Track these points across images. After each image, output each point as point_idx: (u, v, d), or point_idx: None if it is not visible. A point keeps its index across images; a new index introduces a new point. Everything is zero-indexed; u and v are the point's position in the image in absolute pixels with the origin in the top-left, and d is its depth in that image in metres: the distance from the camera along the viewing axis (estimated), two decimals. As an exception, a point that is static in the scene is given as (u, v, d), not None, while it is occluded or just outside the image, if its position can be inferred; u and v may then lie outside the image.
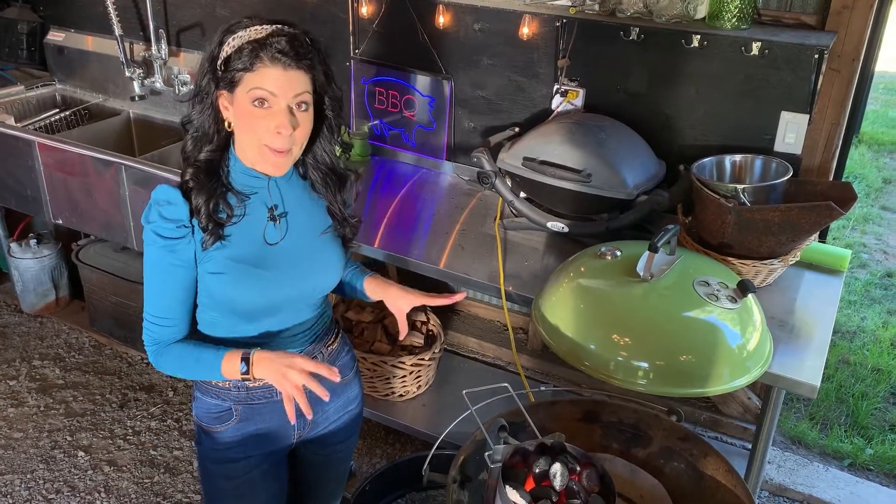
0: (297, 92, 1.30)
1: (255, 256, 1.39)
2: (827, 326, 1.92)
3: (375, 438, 2.68)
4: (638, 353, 1.57)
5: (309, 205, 1.47)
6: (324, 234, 1.48)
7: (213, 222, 1.34)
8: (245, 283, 1.37)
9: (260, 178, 1.41)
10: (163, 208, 1.35)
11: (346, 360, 1.62)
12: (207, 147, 1.36)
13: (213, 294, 1.39)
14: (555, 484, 1.31)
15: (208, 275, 1.37)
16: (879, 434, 2.82)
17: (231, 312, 1.41)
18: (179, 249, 1.35)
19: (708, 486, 1.60)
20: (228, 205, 1.37)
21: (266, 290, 1.39)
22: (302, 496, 1.72)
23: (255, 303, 1.39)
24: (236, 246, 1.38)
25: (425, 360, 2.52)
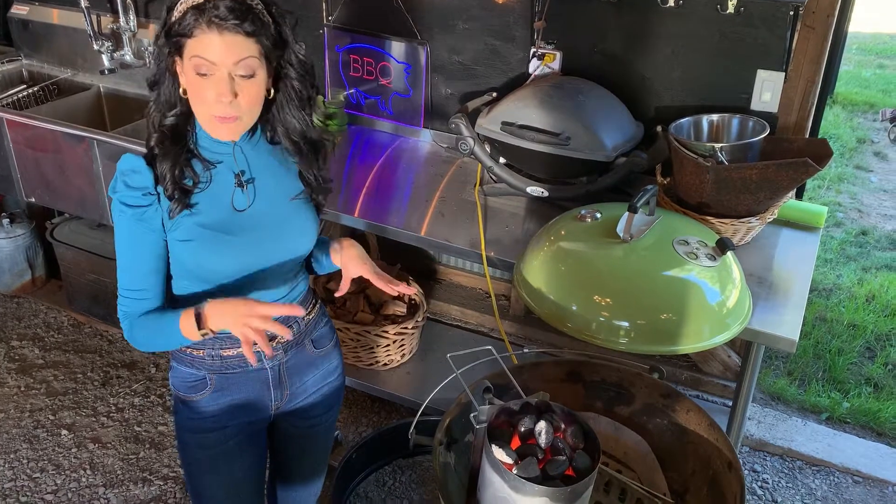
0: (239, 59, 1.27)
1: (224, 223, 1.37)
2: (804, 282, 1.94)
3: (361, 407, 2.69)
4: (619, 313, 1.58)
5: (279, 170, 1.46)
6: (295, 199, 1.46)
7: (178, 189, 1.33)
8: (214, 250, 1.36)
9: (225, 143, 1.39)
10: (127, 177, 1.33)
11: (324, 330, 1.61)
12: (171, 112, 1.35)
13: (183, 263, 1.37)
14: (540, 441, 1.33)
15: (178, 243, 1.35)
16: (856, 388, 2.88)
17: (203, 282, 1.40)
18: (147, 218, 1.34)
19: (690, 441, 1.63)
20: (194, 171, 1.36)
21: (237, 257, 1.38)
22: (285, 469, 1.72)
23: (227, 270, 1.38)
24: (204, 213, 1.36)
25: (408, 328, 2.52)
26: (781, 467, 2.52)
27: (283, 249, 1.44)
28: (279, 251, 1.43)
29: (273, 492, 1.78)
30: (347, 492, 2.35)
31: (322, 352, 1.60)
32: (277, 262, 1.44)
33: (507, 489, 1.27)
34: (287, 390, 1.56)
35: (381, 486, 2.40)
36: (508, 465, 1.29)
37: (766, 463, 2.54)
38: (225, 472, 1.55)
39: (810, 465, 2.52)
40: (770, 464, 2.53)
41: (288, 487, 1.75)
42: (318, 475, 1.77)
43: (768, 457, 2.56)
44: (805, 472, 2.50)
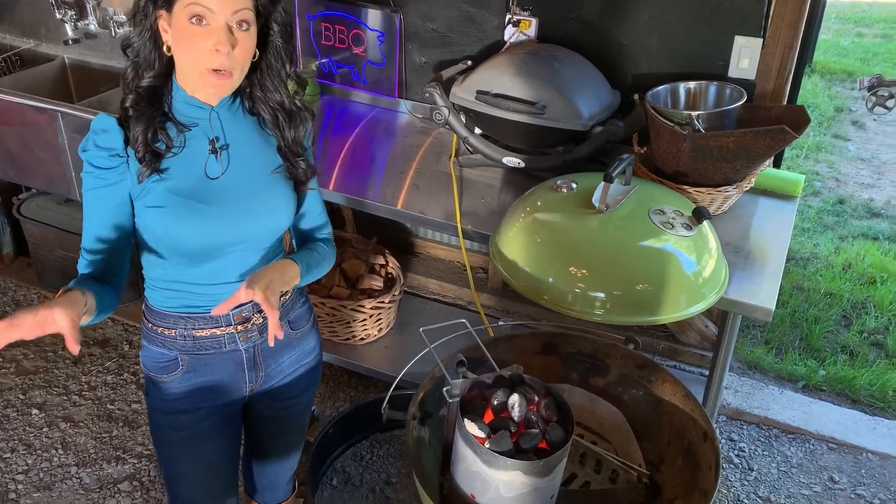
0: (237, 8, 1.25)
1: (196, 190, 1.33)
2: (781, 251, 1.94)
3: (338, 382, 2.67)
4: (595, 284, 1.56)
5: (257, 142, 1.41)
6: (274, 173, 1.42)
7: (150, 152, 1.28)
8: (186, 218, 1.31)
9: (202, 108, 1.34)
10: (98, 136, 1.29)
11: (301, 311, 1.58)
12: (149, 73, 1.30)
13: (153, 231, 1.33)
14: (513, 415, 1.31)
15: (147, 209, 1.31)
16: (832, 356, 2.89)
17: (174, 253, 1.36)
18: (113, 180, 1.30)
19: (666, 411, 1.62)
20: (167, 135, 1.32)
21: (208, 227, 1.33)
22: (261, 448, 1.70)
23: (198, 241, 1.34)
24: (176, 178, 1.32)
25: (385, 303, 2.49)
26: (758, 435, 2.53)
27: (256, 224, 1.39)
28: (252, 225, 1.39)
29: (248, 469, 1.76)
30: (324, 467, 2.34)
31: (299, 333, 1.57)
32: (250, 237, 1.40)
33: (480, 463, 1.26)
34: (262, 372, 1.53)
35: (358, 461, 2.39)
36: (481, 439, 1.27)
37: (743, 431, 2.55)
38: (198, 453, 1.52)
39: (786, 432, 2.54)
40: (747, 432, 2.55)
41: (263, 465, 1.73)
42: (294, 453, 1.75)
43: (745, 425, 2.58)
44: (781, 439, 2.52)
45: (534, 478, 1.25)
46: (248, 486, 1.79)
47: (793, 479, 2.38)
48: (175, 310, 1.41)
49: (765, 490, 2.33)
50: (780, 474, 2.39)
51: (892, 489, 2.35)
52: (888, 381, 2.74)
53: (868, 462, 2.44)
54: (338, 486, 2.31)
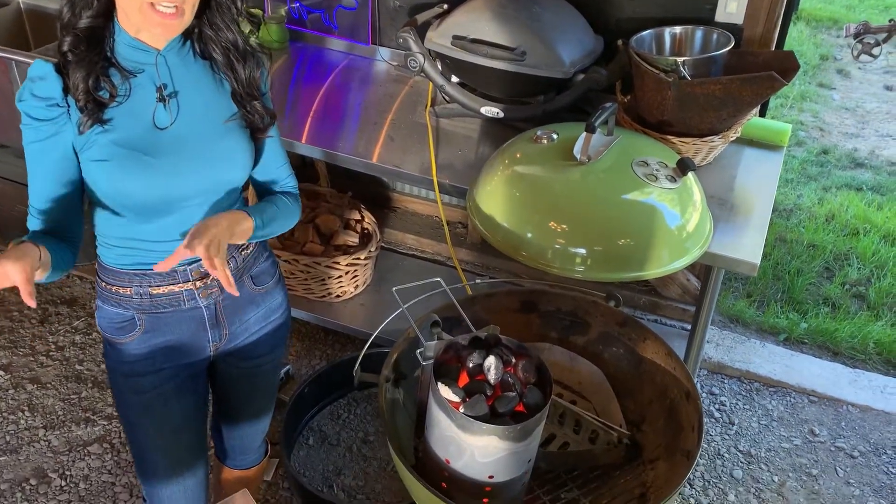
0: None
1: (144, 142, 1.24)
2: (766, 203, 1.88)
3: (314, 340, 2.61)
4: (575, 239, 1.51)
5: (209, 88, 1.32)
6: (229, 121, 1.33)
7: (91, 101, 1.19)
8: (132, 172, 1.23)
9: (148, 51, 1.24)
10: (34, 85, 1.20)
11: (264, 266, 1.50)
12: (87, 13, 1.19)
13: (99, 186, 1.24)
14: (489, 377, 1.25)
15: (92, 163, 1.22)
16: (814, 308, 2.87)
17: (123, 208, 1.27)
18: (53, 132, 1.20)
19: (647, 369, 1.58)
20: (111, 82, 1.22)
21: (158, 181, 1.25)
22: (229, 409, 1.64)
23: (148, 196, 1.25)
24: (121, 129, 1.23)
25: (361, 259, 2.42)
26: (739, 389, 2.52)
27: (210, 176, 1.31)
28: (206, 178, 1.30)
29: (218, 433, 1.71)
30: (300, 426, 2.30)
31: (263, 289, 1.50)
32: (205, 191, 1.32)
33: (454, 428, 1.21)
34: (226, 330, 1.46)
35: (335, 420, 2.35)
36: (455, 403, 1.21)
37: (724, 385, 2.53)
38: (162, 416, 1.45)
39: (767, 386, 2.52)
40: (728, 386, 2.53)
41: (233, 428, 1.68)
42: (265, 414, 1.69)
43: (726, 379, 2.56)
44: (762, 393, 2.50)
45: (511, 442, 1.20)
46: (219, 451, 1.74)
47: (773, 432, 2.37)
48: (129, 267, 1.33)
49: (745, 444, 2.32)
50: (760, 428, 2.38)
51: (871, 441, 2.35)
52: (869, 333, 2.73)
53: (848, 414, 2.44)
54: (314, 445, 2.27)
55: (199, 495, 1.55)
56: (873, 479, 2.23)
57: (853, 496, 2.18)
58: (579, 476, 1.50)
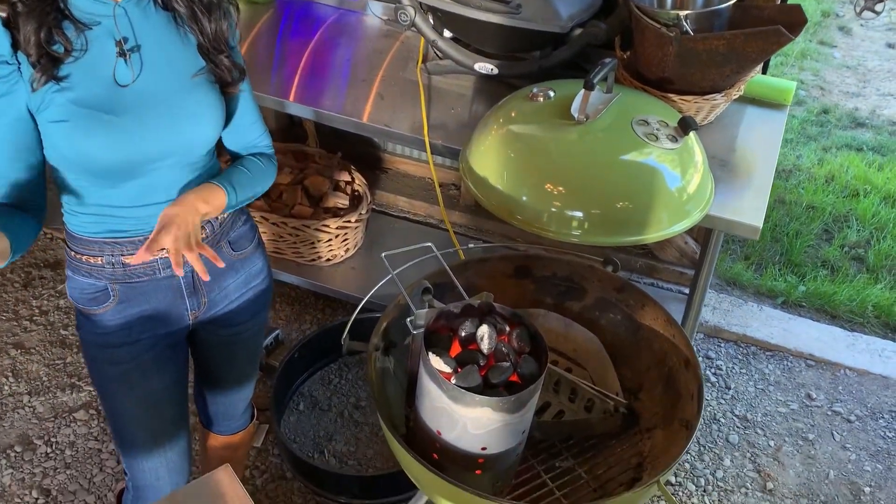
0: None
1: (105, 100, 1.16)
2: (769, 164, 1.83)
3: (304, 304, 2.56)
4: (572, 202, 1.45)
5: (174, 41, 1.24)
6: (196, 76, 1.25)
7: (45, 56, 1.11)
8: (94, 134, 1.15)
9: (105, 2, 1.16)
10: None
11: (243, 230, 1.44)
12: None
13: (59, 150, 1.17)
14: (482, 347, 1.21)
15: (50, 125, 1.15)
16: (812, 271, 2.83)
17: (87, 173, 1.20)
18: (4, 92, 1.12)
19: (645, 336, 1.53)
20: (65, 36, 1.14)
21: (122, 142, 1.17)
22: (212, 377, 1.59)
23: (112, 159, 1.18)
24: (79, 87, 1.15)
25: (351, 222, 2.36)
26: (736, 353, 2.49)
27: (179, 136, 1.23)
28: (174, 138, 1.22)
29: (202, 400, 1.66)
30: (290, 391, 2.26)
31: (242, 254, 1.44)
32: (174, 151, 1.24)
33: (446, 399, 1.16)
34: (205, 298, 1.40)
35: (326, 385, 2.31)
36: (447, 374, 1.17)
37: (721, 349, 2.50)
38: (140, 388, 1.40)
39: (764, 350, 2.49)
40: (724, 350, 2.50)
41: (217, 395, 1.63)
42: (249, 379, 1.65)
43: (723, 343, 2.53)
44: (759, 357, 2.47)
45: (504, 414, 1.16)
46: (203, 418, 1.70)
47: (770, 396, 2.34)
48: (99, 235, 1.26)
49: (741, 408, 2.30)
50: (757, 392, 2.36)
51: (868, 405, 2.32)
52: (868, 296, 2.70)
53: (846, 378, 2.41)
54: (304, 410, 2.24)
55: (181, 466, 1.51)
56: (870, 443, 2.22)
57: (849, 460, 2.17)
58: (574, 445, 1.46)
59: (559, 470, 1.41)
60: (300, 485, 2.03)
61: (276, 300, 2.56)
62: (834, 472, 2.13)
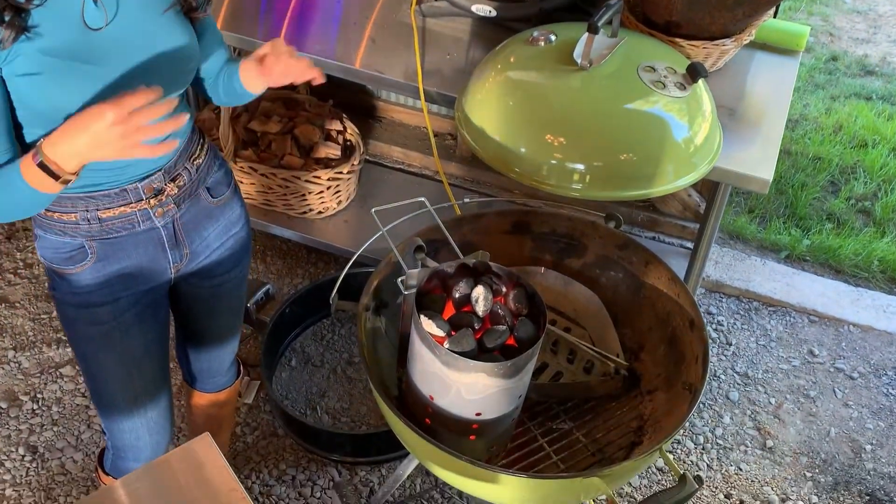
0: None
1: (77, 47, 1.07)
2: (780, 114, 1.74)
3: (296, 258, 2.49)
4: (574, 154, 1.38)
5: None
6: (169, 9, 1.16)
7: (8, 7, 1.01)
8: (70, 85, 1.07)
9: None
10: None
11: (219, 175, 1.36)
12: None
13: (32, 105, 1.08)
14: (477, 309, 1.14)
15: (19, 78, 1.06)
16: (817, 224, 2.76)
17: None
18: None
19: (647, 295, 1.47)
20: None
21: (101, 92, 1.09)
22: (195, 332, 1.53)
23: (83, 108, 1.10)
24: (49, 35, 1.05)
25: (343, 173, 2.28)
26: (737, 308, 2.43)
27: (160, 76, 1.14)
28: (156, 79, 1.14)
29: (185, 357, 1.60)
30: (282, 347, 2.21)
31: (220, 200, 1.37)
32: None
33: (439, 364, 1.10)
34: (186, 249, 1.34)
35: (318, 340, 2.26)
36: (439, 338, 1.11)
37: (722, 304, 2.45)
38: (122, 347, 1.34)
39: (767, 305, 2.44)
40: (726, 305, 2.44)
41: (200, 351, 1.58)
42: (233, 334, 1.59)
43: (724, 298, 2.47)
44: (761, 312, 2.42)
45: (500, 379, 1.10)
46: (187, 376, 1.64)
47: (771, 353, 2.30)
48: (72, 191, 1.18)
49: (742, 365, 2.26)
50: (758, 348, 2.31)
51: (871, 362, 2.28)
52: (874, 250, 2.63)
53: (849, 335, 2.36)
54: (297, 366, 2.19)
55: (162, 426, 1.46)
56: (872, 400, 2.18)
57: (851, 418, 2.13)
58: (572, 408, 1.42)
59: (556, 433, 1.37)
60: (292, 442, 2.00)
61: (266, 254, 2.50)
62: (835, 429, 2.10)
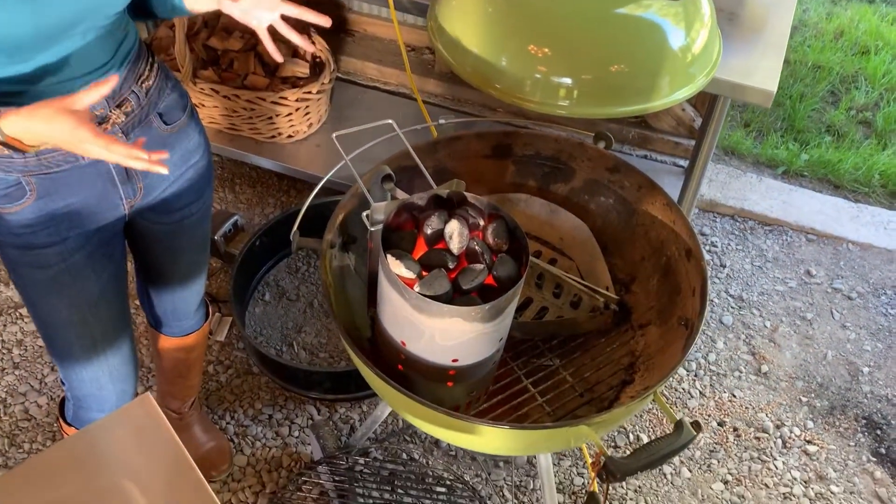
0: None
1: None
2: (786, 17, 1.60)
3: (266, 186, 2.35)
4: (559, 66, 1.24)
5: None
6: None
7: None
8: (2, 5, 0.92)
9: None
10: None
11: (172, 98, 1.21)
12: None
13: None
14: (451, 246, 1.02)
15: None
16: (816, 137, 2.63)
17: None
18: None
19: (640, 222, 1.35)
20: None
21: (31, 11, 0.94)
22: (157, 271, 1.41)
23: (20, 31, 0.95)
24: None
25: (312, 93, 2.11)
26: (732, 228, 2.33)
27: None
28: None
29: (147, 299, 1.49)
30: (254, 281, 2.10)
31: (174, 127, 1.22)
32: (87, 14, 1.01)
33: (409, 309, 0.99)
34: (140, 182, 1.20)
35: (293, 273, 2.15)
36: (409, 280, 0.99)
37: (716, 224, 2.34)
38: (74, 291, 1.22)
39: (763, 224, 2.33)
40: (720, 225, 2.34)
41: (164, 293, 1.46)
42: (199, 271, 1.47)
43: (718, 217, 2.36)
44: (757, 232, 2.32)
45: (478, 323, 0.99)
46: (151, 319, 1.53)
47: (767, 274, 2.21)
48: None
49: (736, 287, 2.17)
50: (753, 270, 2.22)
51: (870, 281, 2.20)
52: (874, 163, 2.51)
53: (848, 253, 2.27)
54: (271, 301, 2.08)
55: (125, 374, 1.36)
56: (870, 321, 2.10)
57: (848, 340, 2.06)
58: (558, 345, 1.32)
59: (542, 374, 1.27)
60: (268, 379, 1.91)
61: (235, 182, 2.35)
62: (832, 352, 2.03)
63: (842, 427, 1.89)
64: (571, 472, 1.75)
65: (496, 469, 1.74)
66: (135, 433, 0.87)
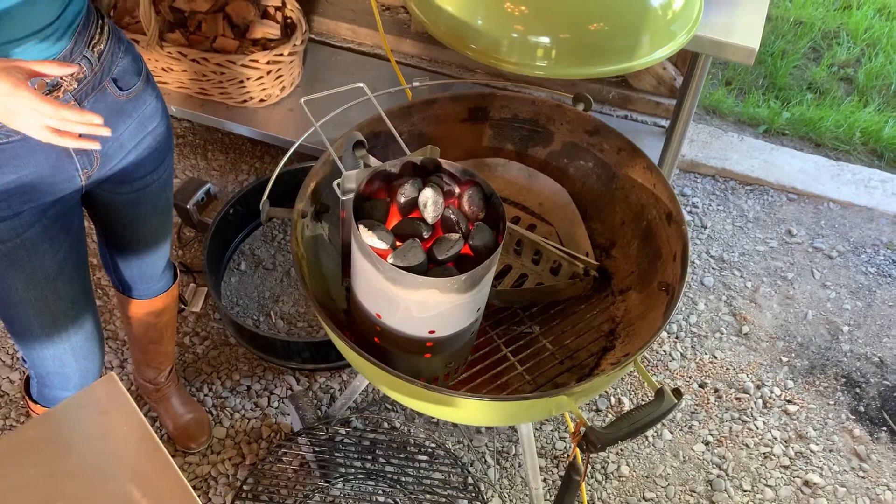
0: None
1: None
2: (769, -28, 1.54)
3: (239, 153, 2.29)
4: (537, 25, 1.20)
5: None
6: None
7: None
8: None
9: None
10: None
11: (125, 63, 1.16)
12: None
13: None
14: (426, 215, 0.99)
15: None
16: (797, 95, 2.60)
17: None
18: None
19: (620, 186, 1.32)
20: None
21: None
22: (122, 242, 1.37)
23: None
24: None
25: (284, 55, 2.05)
26: (713, 189, 2.31)
27: None
28: None
29: (113, 265, 1.44)
30: (229, 250, 2.05)
31: (130, 93, 1.17)
32: None
33: (383, 280, 0.96)
34: (96, 152, 1.15)
35: (269, 242, 2.10)
36: (382, 251, 0.95)
37: (697, 185, 2.32)
38: (31, 267, 1.18)
39: (744, 184, 2.32)
40: (701, 185, 2.31)
41: (129, 259, 1.42)
42: (163, 236, 1.42)
43: (699, 178, 2.34)
44: (738, 192, 2.30)
45: (454, 294, 0.97)
46: (118, 284, 1.49)
47: (748, 234, 2.19)
48: None
49: (717, 248, 2.15)
50: (734, 230, 2.20)
51: (850, 240, 2.19)
52: (856, 121, 2.49)
53: (829, 212, 2.26)
54: (247, 270, 2.04)
55: (90, 351, 1.32)
56: (851, 279, 2.10)
57: (829, 299, 2.06)
58: (538, 312, 1.30)
59: (521, 342, 1.25)
60: (246, 350, 1.88)
61: (207, 148, 2.29)
62: (812, 311, 2.03)
63: (821, 386, 1.90)
64: (553, 436, 1.75)
65: (478, 435, 1.73)
66: (100, 414, 0.84)
